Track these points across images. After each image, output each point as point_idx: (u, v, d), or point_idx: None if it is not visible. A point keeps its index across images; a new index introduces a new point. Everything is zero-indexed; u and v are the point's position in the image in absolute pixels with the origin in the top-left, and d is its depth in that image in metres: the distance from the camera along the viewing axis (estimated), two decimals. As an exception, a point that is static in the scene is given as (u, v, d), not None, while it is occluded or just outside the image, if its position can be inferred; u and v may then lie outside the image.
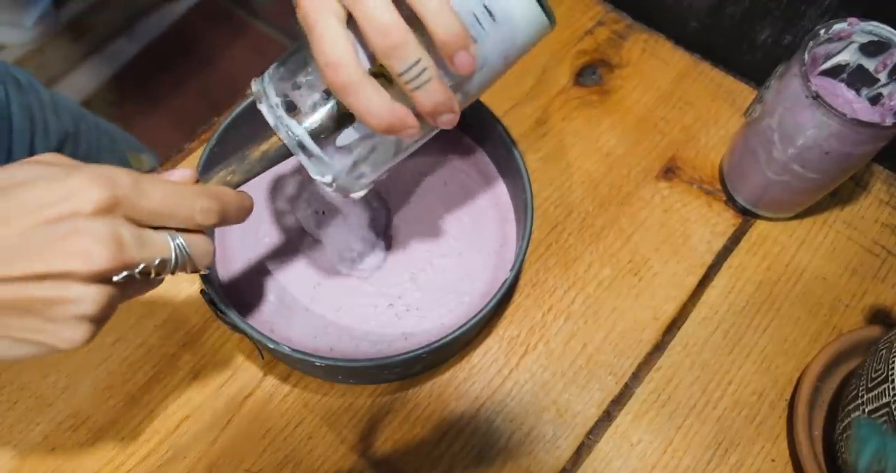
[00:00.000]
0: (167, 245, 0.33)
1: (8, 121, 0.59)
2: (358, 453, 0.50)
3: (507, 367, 0.53)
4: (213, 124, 0.59)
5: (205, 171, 0.38)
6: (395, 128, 0.34)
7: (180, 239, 0.33)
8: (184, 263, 0.33)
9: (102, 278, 0.31)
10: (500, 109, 0.62)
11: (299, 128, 0.35)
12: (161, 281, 0.36)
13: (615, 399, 0.52)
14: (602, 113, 0.63)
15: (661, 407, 0.52)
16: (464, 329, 0.45)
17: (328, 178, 0.37)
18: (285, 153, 0.37)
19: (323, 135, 0.36)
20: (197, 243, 0.34)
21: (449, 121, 0.35)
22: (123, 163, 0.74)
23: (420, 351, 0.44)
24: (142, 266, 0.31)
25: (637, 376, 0.53)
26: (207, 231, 0.36)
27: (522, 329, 0.54)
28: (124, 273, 0.31)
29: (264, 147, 0.36)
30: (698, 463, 0.50)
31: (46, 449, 0.49)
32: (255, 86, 0.37)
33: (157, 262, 0.32)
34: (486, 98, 0.63)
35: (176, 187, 0.33)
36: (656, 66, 0.65)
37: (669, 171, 0.61)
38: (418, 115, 0.34)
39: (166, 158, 0.59)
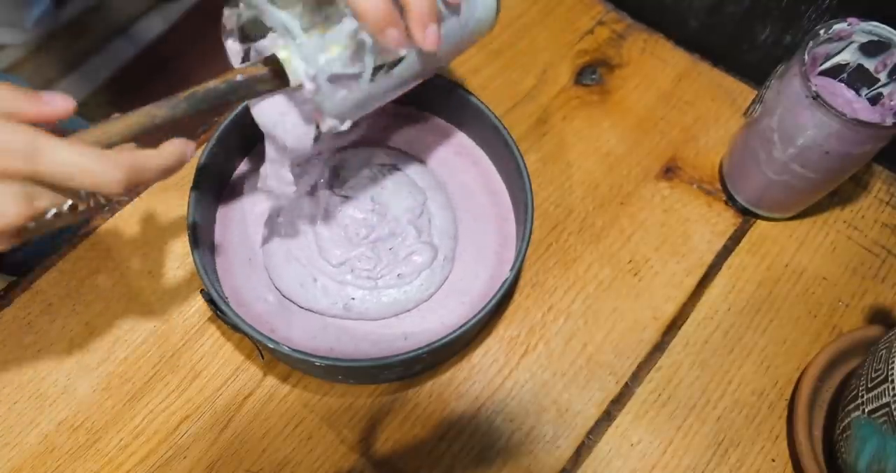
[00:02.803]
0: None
1: None
2: (358, 453, 0.50)
3: (507, 367, 0.53)
4: (213, 124, 0.59)
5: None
6: (382, 24, 0.34)
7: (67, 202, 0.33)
8: (89, 196, 0.34)
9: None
10: (501, 109, 0.62)
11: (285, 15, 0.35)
12: (87, 210, 0.36)
13: (615, 399, 0.52)
14: (602, 113, 0.63)
15: (662, 407, 0.52)
16: (464, 329, 0.45)
17: (312, 71, 0.36)
18: (230, 89, 0.36)
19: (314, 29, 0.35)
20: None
21: (432, 37, 0.36)
22: None
23: (420, 352, 0.44)
24: (53, 211, 0.32)
25: (637, 376, 0.53)
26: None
27: (522, 329, 0.54)
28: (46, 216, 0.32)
29: (211, 83, 0.36)
30: (698, 463, 0.50)
31: (46, 449, 0.49)
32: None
33: (67, 206, 0.33)
34: (486, 97, 0.63)
35: (80, 156, 0.32)
36: (656, 65, 0.65)
37: (669, 171, 0.61)
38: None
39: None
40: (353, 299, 0.49)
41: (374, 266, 0.50)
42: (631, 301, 0.55)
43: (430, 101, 0.56)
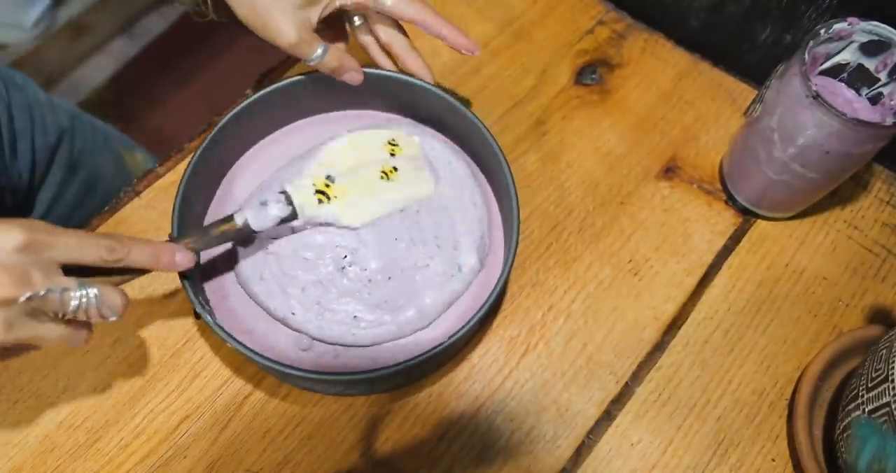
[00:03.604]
0: (73, 285, 0.37)
1: (10, 119, 0.60)
2: (358, 453, 0.50)
3: (507, 367, 0.53)
4: (213, 124, 0.59)
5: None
6: None
7: (93, 289, 0.38)
8: (90, 307, 0.38)
9: (4, 305, 0.35)
10: (501, 109, 0.62)
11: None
12: (80, 327, 0.40)
13: (615, 399, 0.52)
14: (602, 112, 0.63)
15: (662, 407, 0.52)
16: (448, 343, 0.44)
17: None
18: (241, 235, 0.46)
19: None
20: (108, 293, 0.39)
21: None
22: (117, 160, 0.75)
23: (400, 367, 0.44)
24: (45, 297, 0.36)
25: (637, 376, 0.53)
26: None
27: (522, 329, 0.54)
28: (27, 295, 0.35)
29: (223, 227, 0.45)
30: (698, 463, 0.50)
31: (46, 449, 0.49)
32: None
33: (60, 299, 0.37)
34: (486, 97, 0.63)
35: (86, 233, 0.39)
36: (656, 65, 0.65)
37: (669, 171, 0.61)
38: None
39: (166, 157, 0.59)
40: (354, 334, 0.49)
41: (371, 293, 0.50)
42: (631, 300, 0.55)
43: (419, 110, 0.56)
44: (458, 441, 0.50)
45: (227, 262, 0.51)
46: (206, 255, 0.50)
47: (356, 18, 0.51)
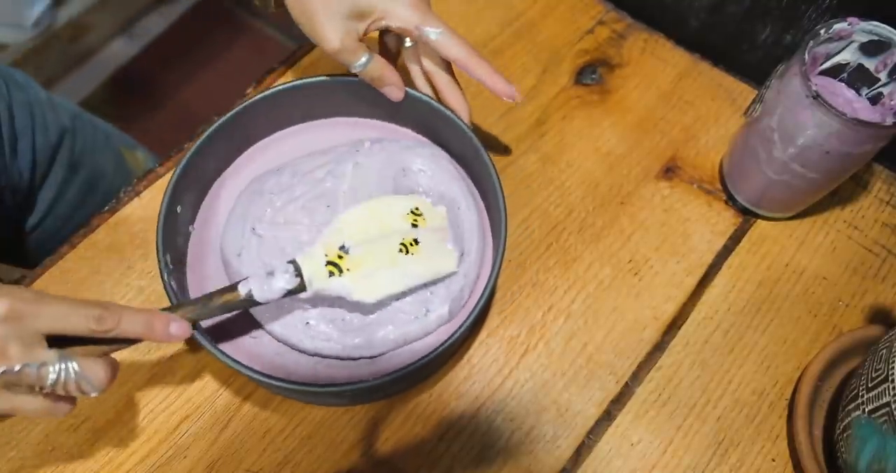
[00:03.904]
0: (52, 359, 0.36)
1: (10, 118, 0.60)
2: (358, 453, 0.50)
3: (507, 367, 0.53)
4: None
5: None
6: None
7: (74, 363, 0.36)
8: (69, 382, 0.36)
9: None
10: (501, 109, 0.62)
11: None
12: (61, 400, 0.38)
13: (615, 399, 0.52)
14: (602, 112, 0.63)
15: (662, 407, 0.52)
16: (431, 356, 0.44)
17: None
18: (243, 305, 0.44)
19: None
20: (89, 367, 0.37)
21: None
22: (118, 158, 0.75)
23: (387, 378, 0.44)
24: (19, 373, 0.35)
25: (637, 376, 0.53)
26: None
27: (522, 329, 0.54)
28: (1, 370, 0.34)
29: (226, 297, 0.43)
30: (698, 463, 0.50)
31: (46, 449, 0.49)
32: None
33: (36, 375, 0.35)
34: (486, 97, 0.63)
35: (73, 299, 0.37)
36: (656, 65, 0.65)
37: (669, 171, 0.61)
38: None
39: (166, 157, 0.59)
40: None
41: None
42: (631, 300, 0.55)
43: (407, 117, 0.56)
44: (458, 441, 0.50)
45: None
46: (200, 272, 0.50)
47: (407, 41, 0.51)
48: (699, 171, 0.60)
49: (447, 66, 0.52)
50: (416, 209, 0.50)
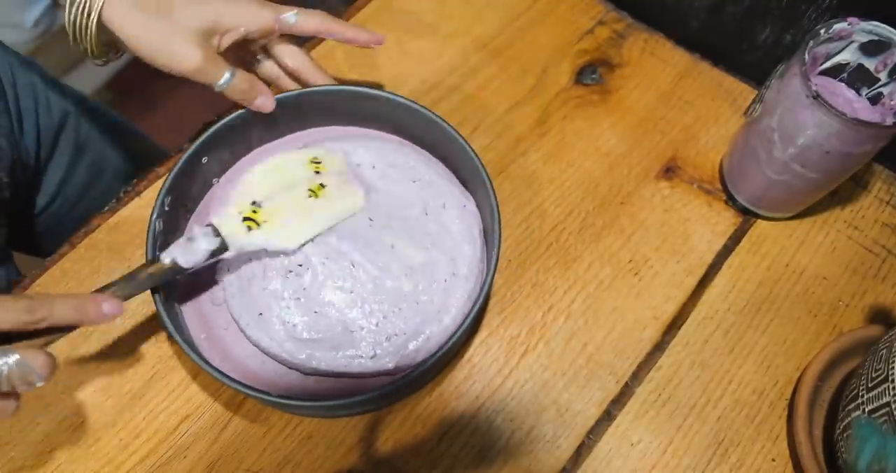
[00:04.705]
0: None
1: (16, 98, 0.60)
2: (358, 453, 0.50)
3: (507, 367, 0.53)
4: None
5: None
6: None
7: (13, 355, 0.36)
8: (12, 375, 0.36)
9: None
10: (501, 109, 0.62)
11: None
12: (6, 398, 0.38)
13: (615, 399, 0.52)
14: (602, 112, 0.63)
15: (662, 407, 0.52)
16: (422, 368, 0.44)
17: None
18: (172, 274, 0.44)
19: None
20: (31, 358, 0.36)
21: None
22: (124, 144, 0.76)
23: (376, 392, 0.44)
24: None
25: (637, 376, 0.53)
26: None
27: (522, 329, 0.54)
28: None
29: (150, 269, 0.44)
30: (698, 463, 0.50)
31: (46, 449, 0.49)
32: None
33: None
34: (486, 97, 0.63)
35: (1, 296, 0.36)
36: (656, 65, 0.65)
37: (670, 171, 0.61)
38: None
39: (167, 157, 0.59)
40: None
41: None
42: (631, 300, 0.55)
43: (400, 125, 0.55)
44: (458, 441, 0.50)
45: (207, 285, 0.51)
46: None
47: (259, 57, 0.52)
48: (699, 171, 0.60)
49: (305, 52, 0.52)
50: (315, 158, 0.51)
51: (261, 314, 0.48)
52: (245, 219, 0.47)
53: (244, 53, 0.52)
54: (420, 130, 0.53)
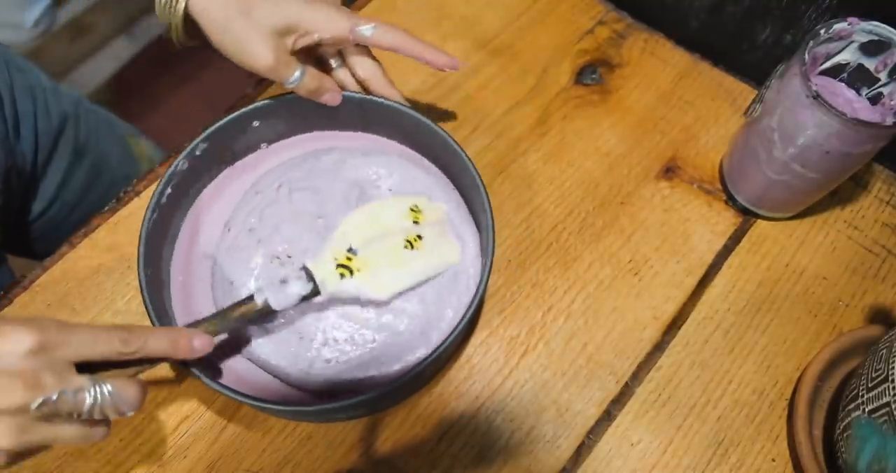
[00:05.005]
0: (86, 384, 0.36)
1: (13, 101, 0.60)
2: (358, 453, 0.50)
3: (507, 367, 0.53)
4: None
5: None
6: None
7: (107, 385, 0.36)
8: (105, 404, 0.36)
9: (17, 412, 0.34)
10: (501, 109, 0.62)
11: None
12: (98, 424, 0.38)
13: (615, 399, 0.52)
14: (602, 112, 0.63)
15: (662, 407, 0.52)
16: (418, 369, 0.44)
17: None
18: (261, 315, 0.45)
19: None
20: (123, 387, 0.37)
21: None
22: (123, 146, 0.76)
23: (368, 396, 0.44)
24: (57, 400, 0.35)
25: (637, 376, 0.53)
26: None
27: (522, 329, 0.54)
28: (39, 400, 0.34)
29: (243, 309, 0.44)
30: (698, 463, 0.50)
31: (46, 449, 0.49)
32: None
33: (73, 401, 0.35)
34: (486, 97, 0.63)
35: (97, 326, 0.37)
36: (656, 65, 0.65)
37: (670, 171, 0.61)
38: None
39: (166, 158, 0.59)
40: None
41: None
42: (631, 300, 0.55)
43: (393, 129, 0.55)
44: (458, 441, 0.50)
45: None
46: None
47: (332, 61, 0.52)
48: (699, 171, 0.60)
49: (378, 64, 0.52)
50: (416, 206, 0.51)
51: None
52: (340, 265, 0.46)
53: (320, 53, 0.52)
54: (424, 141, 0.54)
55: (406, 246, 0.49)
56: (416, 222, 0.50)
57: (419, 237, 0.49)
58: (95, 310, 0.53)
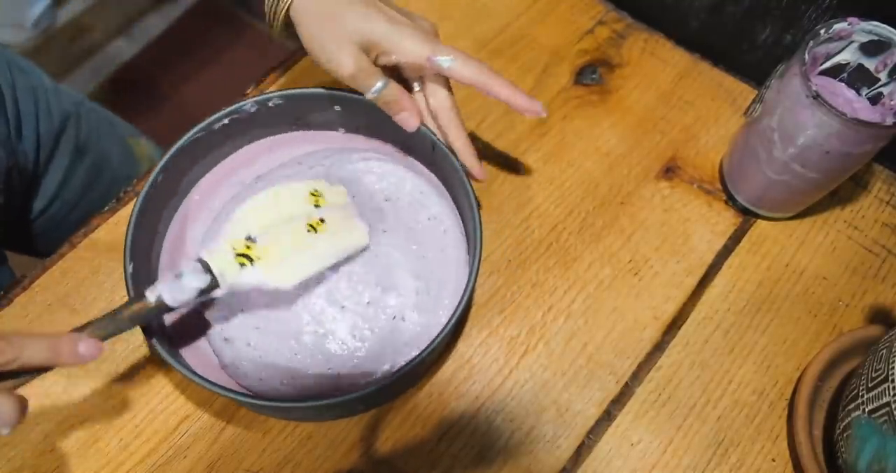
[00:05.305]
0: None
1: (14, 102, 0.60)
2: (358, 453, 0.50)
3: (507, 367, 0.53)
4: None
5: None
6: None
7: None
8: None
9: None
10: (501, 109, 0.62)
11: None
12: None
13: (615, 399, 0.52)
14: (602, 112, 0.63)
15: (662, 407, 0.52)
16: (404, 371, 0.44)
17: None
18: (157, 312, 0.42)
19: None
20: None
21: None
22: (123, 145, 0.76)
23: (359, 394, 0.43)
24: None
25: (637, 376, 0.53)
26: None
27: (522, 329, 0.54)
28: None
29: (135, 308, 0.41)
30: (698, 463, 0.50)
31: (46, 449, 0.49)
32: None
33: None
34: (485, 97, 0.63)
35: None
36: (656, 65, 0.65)
37: (670, 171, 0.61)
38: None
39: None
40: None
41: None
42: (631, 300, 0.55)
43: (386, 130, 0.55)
44: (458, 441, 0.50)
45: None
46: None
47: (416, 84, 0.51)
48: (699, 171, 0.60)
49: (453, 100, 0.51)
50: (316, 190, 0.49)
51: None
52: (239, 255, 0.43)
53: (406, 75, 0.51)
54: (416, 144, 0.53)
55: (309, 230, 0.46)
56: (317, 206, 0.48)
57: (322, 221, 0.47)
58: (95, 310, 0.53)
